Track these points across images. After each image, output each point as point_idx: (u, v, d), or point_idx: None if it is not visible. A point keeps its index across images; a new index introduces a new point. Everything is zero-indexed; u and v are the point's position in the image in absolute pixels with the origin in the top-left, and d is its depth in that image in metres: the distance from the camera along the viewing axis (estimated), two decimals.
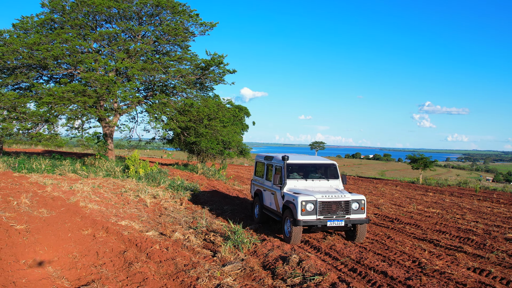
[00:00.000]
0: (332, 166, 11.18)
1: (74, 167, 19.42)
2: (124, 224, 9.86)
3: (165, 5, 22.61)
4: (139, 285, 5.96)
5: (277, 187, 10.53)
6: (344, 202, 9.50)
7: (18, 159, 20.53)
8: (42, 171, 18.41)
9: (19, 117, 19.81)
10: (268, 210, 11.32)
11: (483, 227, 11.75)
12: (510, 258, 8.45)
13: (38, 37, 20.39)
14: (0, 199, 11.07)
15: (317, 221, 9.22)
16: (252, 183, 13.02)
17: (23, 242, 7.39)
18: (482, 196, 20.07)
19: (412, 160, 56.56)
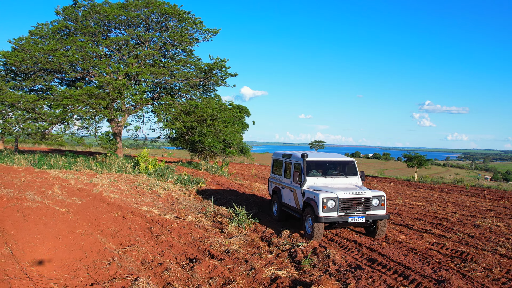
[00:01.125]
0: (350, 163, 11.28)
1: (89, 164, 21.37)
2: (144, 209, 11.77)
3: (171, 13, 24.53)
4: (167, 248, 7.87)
5: (297, 185, 10.62)
6: (365, 199, 9.58)
7: (36, 156, 22.44)
8: (60, 167, 20.35)
9: (37, 118, 21.76)
10: (287, 207, 11.45)
11: (458, 216, 13.13)
12: (469, 238, 10.11)
13: (54, 43, 22.28)
14: (36, 190, 13.02)
15: (338, 218, 9.30)
16: (270, 181, 13.21)
17: (70, 219, 9.31)
18: (471, 192, 21.09)
19: (408, 158, 58.55)
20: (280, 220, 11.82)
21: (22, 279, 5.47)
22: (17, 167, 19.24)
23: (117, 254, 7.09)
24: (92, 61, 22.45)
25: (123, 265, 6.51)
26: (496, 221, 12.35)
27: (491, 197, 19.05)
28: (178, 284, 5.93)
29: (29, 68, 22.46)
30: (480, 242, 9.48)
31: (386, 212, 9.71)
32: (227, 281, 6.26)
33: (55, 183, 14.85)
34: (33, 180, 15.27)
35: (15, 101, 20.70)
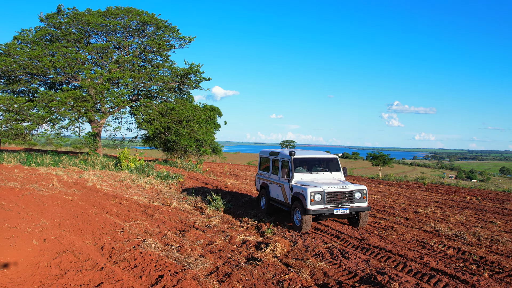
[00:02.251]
0: (334, 160, 12.16)
1: (74, 162, 23.37)
2: (135, 198, 14.06)
3: (149, 21, 26.73)
4: (161, 224, 10.23)
5: (285, 180, 11.42)
6: (348, 192, 10.37)
7: (24, 155, 24.26)
8: (47, 165, 22.28)
9: (25, 119, 23.61)
10: (275, 201, 12.25)
11: (404, 206, 14.69)
12: (404, 219, 12.49)
13: (40, 49, 24.13)
14: (37, 183, 15.12)
15: (324, 210, 10.09)
16: (257, 177, 13.99)
17: (78, 204, 11.57)
18: (427, 188, 23.00)
19: (373, 157, 62.30)
20: (268, 213, 12.65)
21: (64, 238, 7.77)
22: (7, 165, 21.05)
23: (125, 226, 9.46)
24: (76, 66, 24.42)
25: (132, 232, 8.89)
26: (435, 209, 14.46)
27: (443, 192, 20.84)
28: (175, 243, 8.33)
29: (16, 72, 24.22)
30: (411, 222, 11.75)
31: (367, 204, 10.71)
32: (210, 242, 8.70)
33: (50, 178, 16.92)
34: (29, 176, 17.27)
35: (4, 103, 22.52)
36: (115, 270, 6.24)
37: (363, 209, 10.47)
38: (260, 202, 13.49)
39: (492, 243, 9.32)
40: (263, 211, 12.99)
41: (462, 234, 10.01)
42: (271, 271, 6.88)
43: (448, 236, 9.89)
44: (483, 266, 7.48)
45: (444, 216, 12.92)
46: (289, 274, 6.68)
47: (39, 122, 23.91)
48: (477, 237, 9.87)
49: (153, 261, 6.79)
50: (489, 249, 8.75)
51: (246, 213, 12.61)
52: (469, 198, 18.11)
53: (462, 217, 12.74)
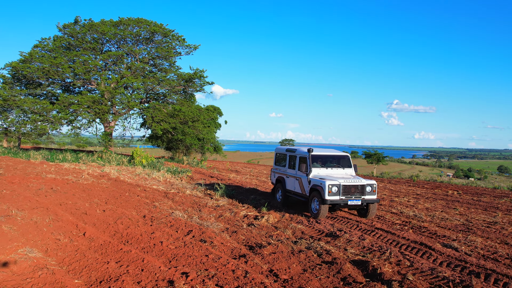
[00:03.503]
0: (346, 157, 13.58)
1: (92, 158, 26.50)
2: (154, 187, 17.18)
3: (158, 31, 29.87)
4: (181, 204, 13.34)
5: (303, 174, 12.80)
6: (361, 186, 11.79)
7: (47, 152, 27.38)
8: (69, 161, 25.40)
9: (48, 120, 26.75)
10: (291, 193, 13.78)
11: (384, 197, 17.76)
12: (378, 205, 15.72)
13: (61, 58, 27.27)
14: (71, 175, 18.23)
15: (340, 200, 11.50)
16: (273, 172, 15.52)
17: (113, 190, 14.71)
18: (414, 183, 25.95)
19: (367, 155, 65.57)
20: (283, 205, 14.21)
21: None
22: (34, 161, 24.16)
23: (155, 204, 12.61)
24: (92, 72, 27.57)
25: (162, 208, 12.03)
26: (411, 199, 17.16)
27: (428, 187, 23.50)
28: (195, 215, 11.44)
29: (39, 78, 27.36)
30: (383, 207, 14.65)
31: (376, 197, 11.99)
32: (220, 215, 11.82)
33: (78, 171, 20.04)
34: (59, 170, 20.38)
35: (31, 106, 25.66)
36: (160, 226, 9.40)
37: (373, 201, 11.92)
38: (276, 194, 15.15)
39: (441, 220, 12.32)
40: (279, 202, 14.55)
41: (420, 215, 12.95)
42: (265, 230, 10.03)
43: (408, 216, 12.88)
44: (415, 229, 10.65)
45: (415, 204, 15.75)
46: (276, 232, 9.83)
47: (60, 123, 27.05)
48: (432, 217, 12.82)
49: (183, 223, 9.93)
50: (435, 223, 11.78)
51: (246, 198, 15.71)
52: (451, 192, 20.74)
53: (431, 205, 15.66)
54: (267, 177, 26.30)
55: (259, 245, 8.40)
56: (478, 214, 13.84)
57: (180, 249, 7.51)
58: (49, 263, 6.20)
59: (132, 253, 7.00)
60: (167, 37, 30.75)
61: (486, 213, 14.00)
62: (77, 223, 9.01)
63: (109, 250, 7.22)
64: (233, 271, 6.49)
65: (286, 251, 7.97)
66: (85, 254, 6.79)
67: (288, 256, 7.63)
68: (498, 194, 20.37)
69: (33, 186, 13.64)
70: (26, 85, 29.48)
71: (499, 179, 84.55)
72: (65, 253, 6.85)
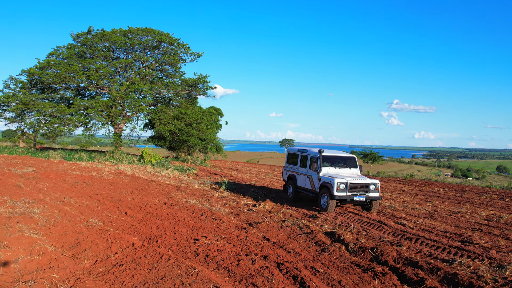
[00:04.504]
0: (352, 158, 15.15)
1: (105, 158, 29.34)
2: (167, 182, 20.00)
3: (164, 39, 32.71)
4: (192, 195, 16.16)
5: (313, 172, 14.36)
6: (365, 184, 13.26)
7: (64, 152, 30.22)
8: (85, 160, 28.23)
9: (65, 122, 29.59)
10: (302, 189, 15.37)
11: None
12: None
13: (76, 65, 30.10)
14: (92, 171, 21.05)
15: (347, 196, 12.90)
16: (285, 170, 17.12)
17: (132, 184, 17.54)
18: (405, 181, 28.76)
19: (364, 155, 68.40)
20: (294, 200, 15.87)
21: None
22: (53, 160, 26.97)
23: (171, 194, 15.44)
24: (105, 78, 30.41)
25: (177, 197, 14.86)
26: (394, 194, 19.87)
27: (417, 185, 26.12)
28: (206, 203, 14.25)
29: (56, 83, 30.19)
30: None
31: (379, 194, 13.55)
32: (225, 203, 14.62)
33: (97, 169, 22.85)
34: (78, 168, 23.18)
35: (49, 110, 28.50)
36: (180, 209, 12.25)
37: (376, 198, 13.45)
38: (287, 190, 16.69)
39: (411, 210, 14.98)
40: (290, 198, 16.19)
41: (394, 206, 15.70)
42: (261, 213, 12.87)
43: (384, 206, 15.66)
44: (379, 213, 13.50)
45: (395, 198, 18.38)
46: (270, 214, 12.69)
47: (75, 125, 29.90)
48: (405, 207, 15.51)
49: (196, 208, 12.77)
50: (405, 212, 14.43)
51: (246, 192, 18.53)
52: (437, 189, 23.28)
53: (410, 199, 18.33)
54: (266, 175, 29.13)
55: (256, 222, 11.23)
56: (449, 206, 16.38)
57: (198, 223, 10.34)
58: (110, 229, 9.03)
59: (165, 224, 9.85)
60: (173, 45, 33.61)
61: (457, 206, 16.57)
62: (117, 206, 11.86)
63: (148, 222, 10.06)
64: (237, 236, 9.32)
65: (276, 226, 10.82)
66: (132, 224, 9.63)
67: (278, 229, 10.48)
68: (481, 191, 22.83)
69: (69, 181, 16.48)
70: (41, 90, 32.29)
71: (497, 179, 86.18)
72: (118, 224, 9.68)
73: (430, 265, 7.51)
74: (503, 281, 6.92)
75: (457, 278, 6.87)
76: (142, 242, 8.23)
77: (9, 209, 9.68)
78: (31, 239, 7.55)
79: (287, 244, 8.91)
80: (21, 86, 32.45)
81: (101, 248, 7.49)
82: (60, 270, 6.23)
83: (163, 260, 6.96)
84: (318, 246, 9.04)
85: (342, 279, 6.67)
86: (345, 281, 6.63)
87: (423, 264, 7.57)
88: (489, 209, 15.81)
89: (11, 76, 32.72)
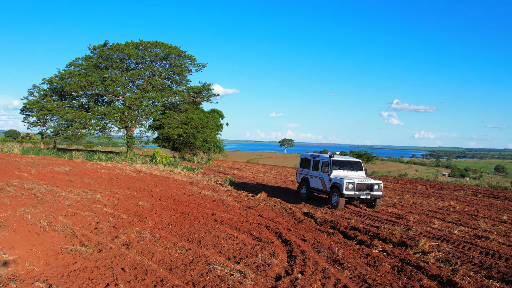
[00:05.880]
0: (358, 162, 17.32)
1: (122, 158, 33.76)
2: (180, 179, 24.38)
3: (173, 52, 37.15)
4: (203, 188, 20.56)
5: (325, 174, 16.56)
6: (370, 184, 15.31)
7: (82, 153, 34.67)
8: (104, 161, 32.63)
9: (86, 127, 34.01)
10: (314, 189, 17.60)
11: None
12: None
13: (95, 76, 34.50)
14: (116, 169, 25.44)
15: (354, 195, 15.05)
16: (298, 173, 19.50)
17: (155, 180, 21.97)
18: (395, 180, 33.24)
19: (358, 155, 72.88)
20: (307, 199, 18.22)
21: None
22: (76, 160, 31.39)
23: (187, 188, 19.86)
24: (120, 88, 34.84)
25: (192, 190, 19.28)
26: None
27: (403, 183, 30.69)
28: (215, 194, 18.63)
29: (77, 92, 34.60)
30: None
31: (382, 193, 15.70)
32: (230, 194, 19.01)
33: (119, 168, 27.26)
34: (104, 167, 27.60)
35: (74, 116, 32.94)
36: (196, 198, 16.68)
37: (379, 196, 15.62)
38: (301, 191, 19.04)
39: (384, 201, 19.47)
40: (304, 197, 18.56)
41: None
42: (257, 201, 17.28)
43: None
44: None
45: None
46: (264, 202, 17.12)
47: (94, 129, 34.36)
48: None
49: (209, 197, 17.19)
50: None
51: (246, 186, 22.91)
52: (420, 187, 27.56)
53: (386, 193, 22.61)
54: (263, 173, 33.53)
55: (253, 206, 15.66)
56: (416, 199, 20.42)
57: (212, 206, 14.77)
58: (155, 207, 13.43)
59: (190, 205, 14.30)
60: (180, 56, 38.06)
61: (423, 199, 20.66)
62: (151, 195, 16.30)
63: (177, 205, 14.47)
64: (240, 213, 13.74)
65: (268, 208, 15.26)
66: (167, 206, 14.04)
67: (269, 210, 14.92)
68: (459, 189, 27.06)
69: (104, 177, 20.91)
70: (61, 97, 36.69)
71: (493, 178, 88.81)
72: (157, 205, 14.08)
73: (365, 229, 11.95)
74: (406, 236, 11.38)
75: (379, 235, 11.29)
76: (179, 214, 12.66)
77: (78, 196, 14.15)
78: (108, 212, 12.00)
79: (274, 218, 13.33)
80: (44, 94, 36.87)
81: (155, 217, 11.92)
82: (137, 226, 10.64)
83: (196, 223, 11.43)
84: (295, 220, 13.47)
85: (306, 235, 11.10)
86: (308, 236, 11.05)
87: (361, 228, 12.01)
88: (451, 202, 19.87)
89: (34, 85, 37.22)
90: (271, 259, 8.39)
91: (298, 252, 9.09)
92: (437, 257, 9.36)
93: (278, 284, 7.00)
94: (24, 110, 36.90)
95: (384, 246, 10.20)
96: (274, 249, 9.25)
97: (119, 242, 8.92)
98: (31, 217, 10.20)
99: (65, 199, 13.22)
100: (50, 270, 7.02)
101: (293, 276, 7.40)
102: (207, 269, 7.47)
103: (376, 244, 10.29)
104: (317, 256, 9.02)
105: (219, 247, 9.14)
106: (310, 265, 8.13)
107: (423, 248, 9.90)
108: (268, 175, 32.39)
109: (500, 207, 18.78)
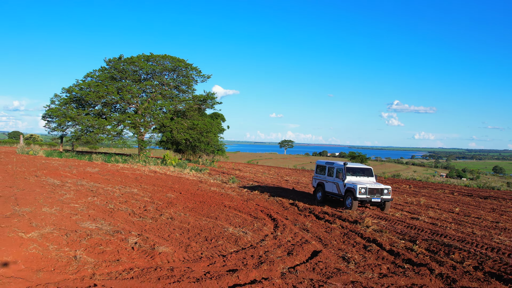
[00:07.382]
0: (369, 169, 19.15)
1: (136, 160, 38.76)
2: (190, 178, 29.36)
3: (180, 64, 42.24)
4: (211, 186, 25.55)
5: (339, 180, 18.44)
6: (380, 189, 17.17)
7: (104, 156, 39.72)
8: (121, 162, 37.61)
9: (104, 132, 39.02)
10: (330, 193, 19.42)
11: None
12: None
13: (112, 87, 39.53)
14: (135, 170, 30.42)
15: (366, 198, 16.87)
16: (314, 178, 21.27)
17: (172, 179, 26.98)
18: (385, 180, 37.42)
19: (352, 156, 78.07)
20: (322, 202, 19.99)
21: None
22: (96, 162, 36.36)
23: (199, 185, 24.86)
24: (134, 98, 39.89)
25: (203, 187, 24.29)
26: None
27: (389, 182, 35.71)
28: (222, 190, 23.61)
29: (95, 101, 39.64)
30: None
31: (391, 197, 17.63)
32: (233, 190, 23.99)
33: (137, 169, 32.26)
34: (123, 167, 32.58)
35: (93, 123, 37.96)
36: (207, 192, 21.71)
37: (388, 199, 17.43)
38: (317, 194, 20.82)
39: None
40: (319, 200, 20.32)
41: None
42: (255, 195, 22.29)
43: None
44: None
45: None
46: (261, 195, 22.14)
47: (112, 134, 39.40)
48: None
49: (217, 192, 22.19)
50: None
51: (246, 185, 27.87)
52: (404, 186, 32.65)
53: None
54: (262, 174, 38.53)
55: (252, 199, 20.64)
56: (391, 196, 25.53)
57: (221, 198, 19.76)
58: (179, 198, 18.42)
59: (205, 197, 19.32)
60: (187, 68, 43.11)
61: (398, 195, 25.53)
62: (173, 190, 21.29)
63: (195, 197, 19.45)
64: (242, 203, 18.74)
65: (263, 200, 20.28)
66: (188, 198, 19.03)
67: (264, 201, 19.93)
68: (439, 187, 32.05)
69: (130, 177, 25.90)
70: (79, 104, 41.72)
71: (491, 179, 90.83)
72: (181, 197, 19.04)
73: (332, 212, 16.94)
74: (360, 217, 16.40)
75: (341, 217, 16.26)
76: (198, 202, 17.68)
77: (120, 190, 19.21)
78: (148, 201, 17.05)
79: (267, 206, 18.35)
80: (63, 102, 41.90)
81: (181, 204, 16.93)
82: (172, 209, 15.63)
83: (211, 207, 16.49)
84: (283, 207, 18.49)
85: (288, 216, 16.11)
86: (290, 216, 16.04)
87: (329, 213, 17.00)
88: (422, 198, 24.20)
89: (56, 94, 42.32)
90: (262, 227, 13.44)
91: (281, 224, 14.13)
92: (375, 228, 14.33)
93: (266, 238, 12.01)
94: (46, 116, 41.94)
95: (342, 223, 15.16)
96: (265, 222, 14.32)
97: (165, 217, 13.95)
98: (100, 202, 15.24)
99: (113, 192, 18.27)
100: (134, 226, 12.05)
101: (275, 235, 12.45)
102: (223, 230, 12.51)
103: (336, 222, 15.27)
104: (293, 227, 14.03)
105: (229, 220, 14.20)
106: (287, 231, 13.15)
107: (367, 224, 14.88)
108: (266, 175, 37.30)
109: (464, 203, 22.87)
